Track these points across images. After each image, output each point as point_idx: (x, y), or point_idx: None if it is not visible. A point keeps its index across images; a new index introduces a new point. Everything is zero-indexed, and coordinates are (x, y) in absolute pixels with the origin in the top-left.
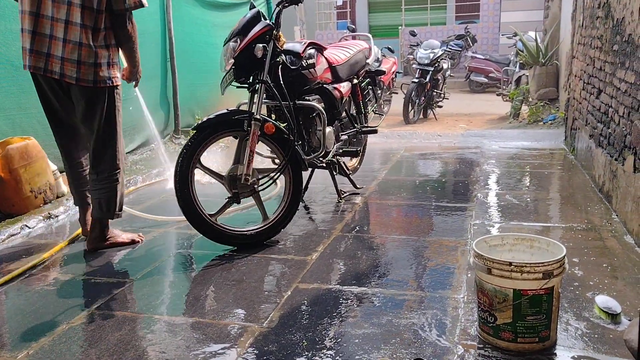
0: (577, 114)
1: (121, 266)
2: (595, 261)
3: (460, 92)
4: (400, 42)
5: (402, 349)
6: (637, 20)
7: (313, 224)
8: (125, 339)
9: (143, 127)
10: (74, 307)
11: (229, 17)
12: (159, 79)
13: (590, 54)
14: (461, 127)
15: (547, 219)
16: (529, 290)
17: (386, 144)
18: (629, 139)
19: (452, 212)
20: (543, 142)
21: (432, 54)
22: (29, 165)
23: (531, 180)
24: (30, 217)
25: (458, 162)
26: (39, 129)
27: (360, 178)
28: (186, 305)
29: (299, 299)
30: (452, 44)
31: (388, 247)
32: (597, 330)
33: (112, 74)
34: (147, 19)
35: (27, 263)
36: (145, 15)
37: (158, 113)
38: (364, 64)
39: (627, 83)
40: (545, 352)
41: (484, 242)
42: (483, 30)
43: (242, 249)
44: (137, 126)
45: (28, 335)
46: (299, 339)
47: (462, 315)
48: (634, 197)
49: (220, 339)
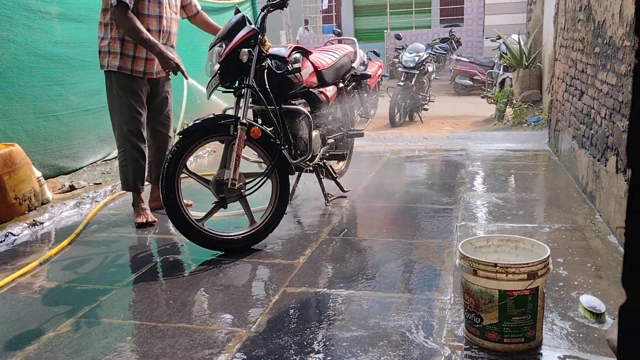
0: (560, 115)
1: (107, 272)
2: (579, 261)
3: (445, 94)
4: (386, 46)
5: (389, 351)
6: (617, 22)
7: (300, 227)
8: (112, 346)
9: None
10: (60, 314)
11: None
12: None
13: (573, 57)
14: (447, 130)
15: (532, 220)
16: (514, 290)
17: (373, 147)
18: (611, 140)
19: (438, 214)
20: (527, 143)
21: (417, 57)
22: (13, 172)
23: (516, 182)
24: (15, 224)
25: (444, 164)
26: (22, 135)
27: (346, 181)
28: (173, 311)
29: (286, 303)
30: (437, 47)
31: (375, 250)
32: (582, 330)
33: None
34: None
35: (13, 271)
36: None
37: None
38: (349, 68)
39: (608, 85)
40: (531, 352)
41: (469, 243)
42: (467, 34)
43: (230, 254)
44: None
45: (13, 343)
46: (288, 343)
47: (449, 317)
48: (616, 197)
49: (208, 344)
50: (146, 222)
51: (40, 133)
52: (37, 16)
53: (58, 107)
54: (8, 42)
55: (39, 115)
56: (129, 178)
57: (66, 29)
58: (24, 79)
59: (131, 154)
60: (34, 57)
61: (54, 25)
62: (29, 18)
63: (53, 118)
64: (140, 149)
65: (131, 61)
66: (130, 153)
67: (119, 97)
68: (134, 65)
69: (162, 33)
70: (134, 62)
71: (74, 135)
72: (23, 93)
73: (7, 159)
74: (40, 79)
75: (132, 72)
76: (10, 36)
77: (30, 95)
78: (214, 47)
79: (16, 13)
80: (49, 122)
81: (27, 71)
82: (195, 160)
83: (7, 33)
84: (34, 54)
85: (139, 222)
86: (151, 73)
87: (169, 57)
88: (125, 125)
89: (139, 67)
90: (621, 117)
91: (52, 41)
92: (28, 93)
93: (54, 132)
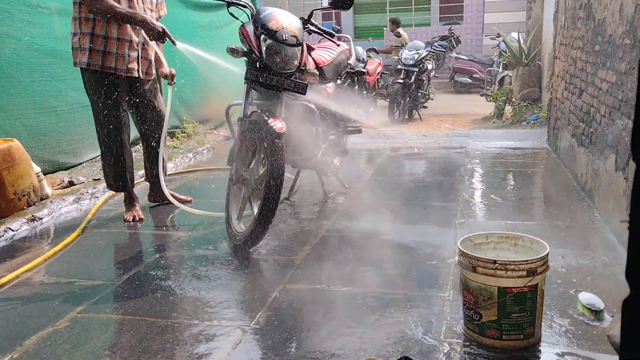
0: (560, 113)
1: (106, 268)
2: (578, 259)
3: (444, 92)
4: (385, 43)
5: (388, 347)
6: (617, 20)
7: (300, 224)
8: (110, 341)
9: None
10: (59, 310)
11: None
12: None
13: (572, 55)
14: (446, 128)
15: (531, 217)
16: (514, 287)
17: (372, 144)
18: (610, 138)
19: (438, 211)
20: (526, 141)
21: (417, 54)
22: (12, 167)
23: (515, 179)
24: (13, 220)
25: (443, 161)
26: (22, 130)
27: (346, 178)
28: (172, 307)
29: (286, 299)
30: (437, 44)
31: (374, 247)
32: (580, 327)
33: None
34: None
35: (12, 266)
36: None
37: None
38: (346, 65)
39: (608, 83)
40: (530, 349)
41: (468, 240)
42: (467, 32)
43: (229, 250)
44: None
45: (12, 338)
46: (286, 339)
47: (448, 314)
48: (615, 195)
49: (207, 340)
50: (132, 219)
51: (39, 128)
52: (37, 11)
53: (57, 103)
54: (7, 37)
55: (39, 110)
56: (110, 179)
57: (65, 24)
58: (24, 74)
59: (107, 156)
60: (34, 52)
61: (54, 21)
62: (28, 13)
63: (52, 113)
64: (114, 150)
65: (101, 57)
66: (106, 155)
67: (89, 97)
68: (105, 62)
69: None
70: (105, 58)
71: (74, 130)
72: (22, 88)
73: (6, 155)
74: (39, 75)
75: (102, 68)
76: (9, 31)
77: (29, 91)
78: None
79: (16, 8)
80: (48, 117)
81: (26, 66)
82: (195, 157)
83: (7, 28)
84: (34, 49)
85: (125, 218)
86: (122, 70)
87: (153, 22)
88: (99, 127)
89: (109, 63)
90: (621, 115)
91: (51, 36)
92: (27, 88)
93: (53, 128)
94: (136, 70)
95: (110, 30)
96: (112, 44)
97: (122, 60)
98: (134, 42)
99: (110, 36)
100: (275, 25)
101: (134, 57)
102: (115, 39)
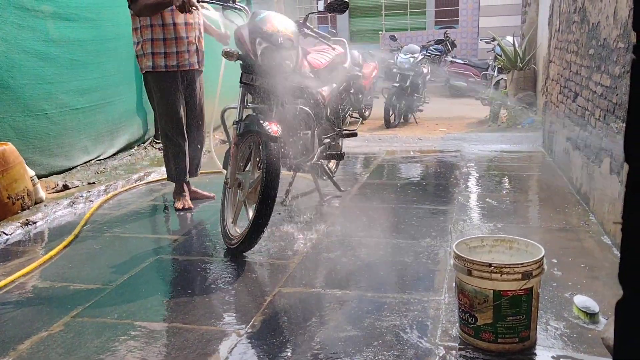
0: (555, 117)
1: (101, 272)
2: (573, 261)
3: (440, 96)
4: (381, 47)
5: (384, 351)
6: (612, 24)
7: (295, 227)
8: (105, 345)
9: (122, 132)
10: (53, 314)
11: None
12: (134, 84)
13: (567, 58)
14: (441, 131)
15: (526, 221)
16: (509, 291)
17: (367, 148)
18: (605, 141)
19: (433, 214)
20: (521, 145)
21: (412, 58)
22: (6, 171)
23: (510, 183)
24: (7, 224)
25: (438, 165)
26: (11, 135)
27: (342, 181)
28: (167, 311)
29: (281, 303)
30: (432, 48)
31: (370, 250)
32: (575, 330)
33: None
34: (122, 22)
35: (6, 270)
36: (121, 18)
37: (136, 118)
38: (341, 68)
39: (603, 86)
40: (525, 352)
41: (464, 243)
42: (462, 35)
43: (224, 254)
44: (116, 131)
45: (6, 343)
46: (282, 343)
47: (443, 317)
48: (610, 198)
49: (202, 344)
50: (183, 207)
51: (29, 132)
52: (28, 14)
53: (48, 106)
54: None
55: (29, 113)
56: (171, 171)
57: (57, 28)
58: (14, 78)
59: (170, 151)
60: (24, 55)
61: (45, 24)
62: (19, 16)
63: (43, 117)
64: (178, 144)
65: (163, 58)
66: (169, 149)
67: (156, 96)
68: (167, 61)
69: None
70: (167, 58)
71: (65, 134)
72: (12, 91)
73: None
74: (30, 78)
75: (166, 68)
76: (0, 34)
77: (19, 94)
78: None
79: (6, 11)
80: (38, 120)
81: (16, 69)
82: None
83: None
84: (24, 52)
85: (177, 207)
86: (184, 65)
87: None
88: (164, 123)
89: (171, 61)
90: (615, 118)
91: (42, 40)
92: (18, 91)
93: (43, 131)
94: (196, 63)
95: (166, 32)
96: (171, 43)
97: (183, 56)
98: (190, 37)
99: (168, 37)
100: (271, 29)
101: (193, 50)
102: (173, 38)
